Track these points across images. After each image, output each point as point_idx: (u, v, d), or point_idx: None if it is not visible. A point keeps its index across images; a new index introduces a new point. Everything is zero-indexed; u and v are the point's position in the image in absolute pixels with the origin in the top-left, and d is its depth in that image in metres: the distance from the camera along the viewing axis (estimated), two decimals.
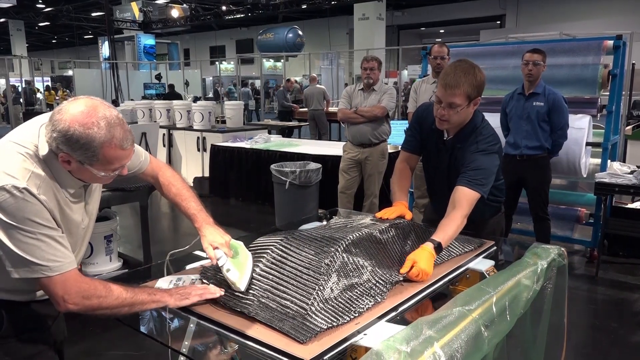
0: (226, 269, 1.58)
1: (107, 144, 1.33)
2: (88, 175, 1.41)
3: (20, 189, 1.29)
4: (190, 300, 1.51)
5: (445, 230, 1.87)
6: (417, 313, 1.58)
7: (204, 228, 1.71)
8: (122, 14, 20.88)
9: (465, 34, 21.93)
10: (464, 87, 1.98)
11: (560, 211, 4.56)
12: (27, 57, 20.64)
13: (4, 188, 1.28)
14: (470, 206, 1.97)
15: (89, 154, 1.32)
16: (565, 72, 4.32)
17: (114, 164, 1.38)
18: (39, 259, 1.32)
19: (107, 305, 1.40)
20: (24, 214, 1.30)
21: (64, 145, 1.31)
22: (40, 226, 1.32)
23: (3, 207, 1.28)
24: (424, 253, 1.75)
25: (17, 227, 1.29)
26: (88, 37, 29.00)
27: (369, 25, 14.96)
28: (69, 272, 1.36)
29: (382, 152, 4.72)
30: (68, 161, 1.35)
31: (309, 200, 4.96)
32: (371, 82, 4.58)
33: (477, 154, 2.06)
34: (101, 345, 3.07)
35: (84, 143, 1.30)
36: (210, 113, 7.91)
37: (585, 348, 3.09)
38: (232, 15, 18.68)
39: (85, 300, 1.37)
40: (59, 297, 1.35)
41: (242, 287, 1.55)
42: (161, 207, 6.96)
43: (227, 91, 17.76)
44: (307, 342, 1.30)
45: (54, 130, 1.31)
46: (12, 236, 1.29)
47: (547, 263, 1.82)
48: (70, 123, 1.30)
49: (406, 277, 1.70)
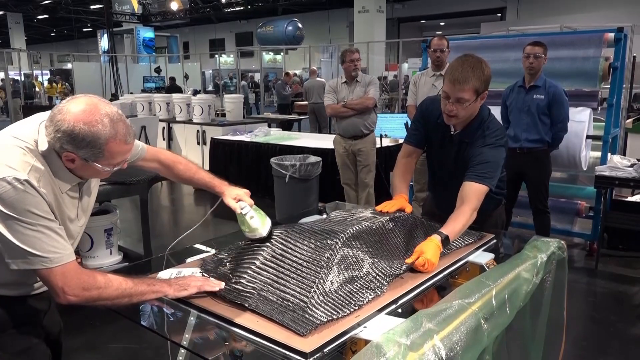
0: (250, 217, 1.68)
1: (111, 139, 1.35)
2: (91, 171, 1.42)
3: (21, 180, 1.30)
4: (189, 291, 1.52)
5: (454, 224, 1.90)
6: (417, 306, 1.59)
7: (224, 189, 1.83)
8: (121, 7, 20.80)
9: (466, 26, 21.83)
10: (472, 82, 1.97)
11: (560, 204, 4.56)
12: (26, 51, 20.58)
13: (5, 179, 1.29)
14: (479, 200, 1.99)
15: (95, 150, 1.34)
16: (566, 64, 4.30)
17: (117, 158, 1.41)
18: (38, 251, 1.32)
19: (107, 296, 1.41)
20: (24, 205, 1.30)
21: (69, 145, 1.33)
22: (40, 218, 1.33)
23: (3, 198, 1.29)
24: (431, 245, 1.78)
25: (17, 218, 1.30)
26: (87, 30, 28.90)
27: (369, 18, 14.88)
28: (68, 263, 1.37)
29: (373, 142, 4.76)
30: (72, 160, 1.37)
31: (309, 193, 4.96)
32: (357, 73, 4.59)
33: (484, 148, 2.07)
34: (101, 338, 3.09)
35: (90, 141, 1.32)
36: (210, 106, 7.90)
37: (585, 341, 3.10)
38: (231, 8, 18.63)
39: (85, 292, 1.38)
40: (58, 289, 1.36)
41: (264, 233, 1.65)
42: (161, 201, 6.97)
43: (223, 84, 17.69)
44: (307, 334, 1.31)
45: (58, 130, 1.32)
46: (12, 228, 1.30)
47: (547, 256, 1.82)
48: (74, 122, 1.31)
49: (412, 266, 1.73)
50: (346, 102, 4.58)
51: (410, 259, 1.74)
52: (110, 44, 15.85)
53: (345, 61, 4.56)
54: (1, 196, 1.28)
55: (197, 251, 1.94)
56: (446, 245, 1.85)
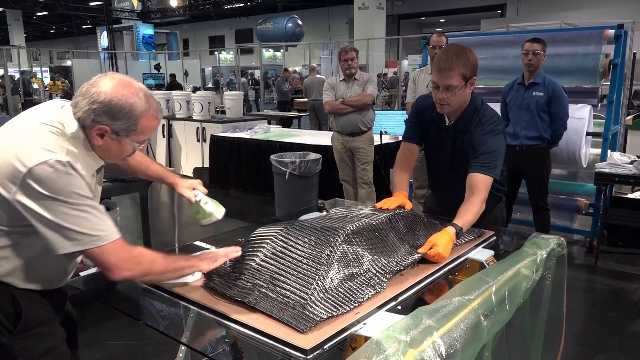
0: (204, 202, 1.76)
1: (145, 112, 1.39)
2: (115, 149, 1.44)
3: (63, 162, 1.30)
4: (219, 261, 1.59)
5: (466, 215, 1.95)
6: (417, 303, 1.59)
7: (177, 180, 1.89)
8: (120, 4, 20.76)
9: (466, 23, 21.79)
10: (458, 69, 2.01)
11: (560, 201, 4.56)
12: (26, 48, 20.53)
13: (47, 162, 1.28)
14: (486, 191, 2.03)
15: (130, 122, 1.38)
16: (566, 61, 4.29)
17: (146, 134, 1.44)
18: (90, 230, 1.33)
19: (156, 270, 1.44)
20: (69, 187, 1.30)
21: (105, 116, 1.35)
22: (85, 198, 1.34)
23: (46, 182, 1.28)
24: (445, 237, 1.82)
25: (64, 201, 1.30)
26: (86, 26, 28.87)
27: (369, 15, 14.87)
28: (118, 240, 1.38)
29: (371, 139, 4.76)
30: (101, 135, 1.38)
31: (309, 190, 4.97)
32: (353, 72, 4.59)
33: (485, 136, 2.09)
34: (102, 335, 3.09)
35: (127, 112, 1.36)
36: (210, 103, 7.89)
37: (584, 337, 3.11)
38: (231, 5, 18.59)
39: (139, 266, 1.40)
40: (112, 265, 1.36)
41: (219, 216, 1.73)
42: (161, 198, 6.97)
43: (227, 81, 17.68)
44: (307, 331, 1.31)
45: (94, 102, 1.34)
46: (59, 211, 1.30)
47: (547, 253, 1.82)
48: (112, 94, 1.35)
49: (422, 256, 1.77)
50: (344, 99, 4.59)
51: (423, 248, 1.78)
52: (109, 41, 15.84)
53: (341, 60, 4.59)
54: (44, 180, 1.28)
55: (197, 248, 1.94)
56: (459, 237, 1.90)
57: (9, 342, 1.43)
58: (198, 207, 1.79)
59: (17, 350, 1.44)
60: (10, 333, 1.43)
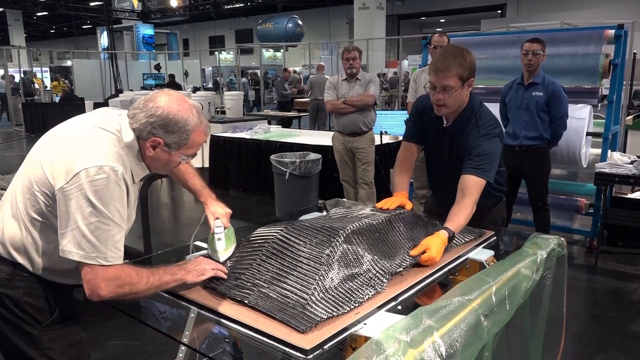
0: (217, 238, 1.71)
1: (197, 128, 1.48)
2: (165, 160, 1.50)
3: (117, 172, 1.35)
4: (207, 275, 1.56)
5: (457, 218, 1.94)
6: (417, 303, 1.59)
7: (209, 201, 1.87)
8: (120, 4, 20.76)
9: (466, 23, 21.81)
10: (454, 69, 2.01)
11: (560, 201, 4.56)
12: (26, 48, 20.55)
13: (103, 168, 1.33)
14: (478, 193, 2.02)
15: (183, 136, 1.45)
16: (567, 61, 4.29)
17: (195, 148, 1.52)
18: (103, 247, 1.33)
19: (137, 291, 1.42)
20: (112, 198, 1.34)
21: (161, 129, 1.43)
22: (118, 215, 1.36)
23: (95, 185, 1.31)
24: (437, 240, 1.82)
25: (100, 210, 1.31)
26: (86, 27, 28.87)
27: (369, 15, 14.86)
28: (117, 265, 1.38)
29: (372, 140, 4.76)
30: (154, 146, 1.44)
31: (309, 190, 4.97)
32: (354, 71, 4.59)
33: (480, 139, 2.09)
34: (102, 335, 3.09)
35: (181, 126, 1.44)
36: (210, 103, 7.91)
37: (584, 337, 3.11)
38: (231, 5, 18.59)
39: (119, 289, 1.38)
40: (96, 285, 1.35)
41: (221, 259, 1.67)
42: (161, 198, 6.97)
43: (227, 82, 17.67)
44: (307, 331, 1.31)
45: (152, 115, 1.42)
46: (90, 219, 1.31)
47: (547, 253, 1.82)
48: (169, 109, 1.43)
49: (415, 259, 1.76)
50: (346, 98, 4.58)
51: (414, 251, 1.78)
52: (109, 41, 15.85)
53: (343, 58, 4.58)
54: (94, 183, 1.31)
55: (198, 248, 1.94)
56: (451, 241, 1.89)
57: (38, 334, 1.47)
58: (212, 237, 1.75)
59: (46, 342, 1.48)
60: (40, 325, 1.47)
